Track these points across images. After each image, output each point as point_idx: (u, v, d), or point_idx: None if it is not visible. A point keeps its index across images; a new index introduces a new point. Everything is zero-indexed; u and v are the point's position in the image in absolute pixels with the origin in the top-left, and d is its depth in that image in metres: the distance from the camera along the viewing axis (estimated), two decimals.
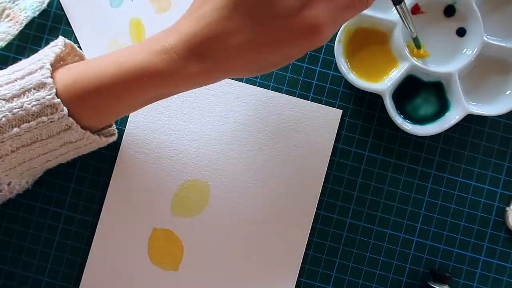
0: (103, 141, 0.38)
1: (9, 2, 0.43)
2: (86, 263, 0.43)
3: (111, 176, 0.43)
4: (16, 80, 0.33)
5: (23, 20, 0.43)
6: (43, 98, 0.32)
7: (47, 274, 0.44)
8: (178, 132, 0.44)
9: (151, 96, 0.34)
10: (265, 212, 0.43)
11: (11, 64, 0.44)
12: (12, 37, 0.43)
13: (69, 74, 0.34)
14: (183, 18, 0.32)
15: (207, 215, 0.43)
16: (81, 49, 0.45)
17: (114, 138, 0.40)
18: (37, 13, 0.43)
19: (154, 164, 0.44)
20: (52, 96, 0.32)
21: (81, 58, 0.39)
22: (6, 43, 0.43)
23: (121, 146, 0.44)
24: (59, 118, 0.33)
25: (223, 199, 0.44)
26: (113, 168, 0.43)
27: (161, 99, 0.35)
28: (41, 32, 0.45)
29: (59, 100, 0.32)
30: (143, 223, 0.43)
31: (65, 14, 0.45)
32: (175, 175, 0.44)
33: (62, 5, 0.45)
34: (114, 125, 0.41)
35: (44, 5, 0.44)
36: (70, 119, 0.33)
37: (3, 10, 0.43)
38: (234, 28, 0.30)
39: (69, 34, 0.45)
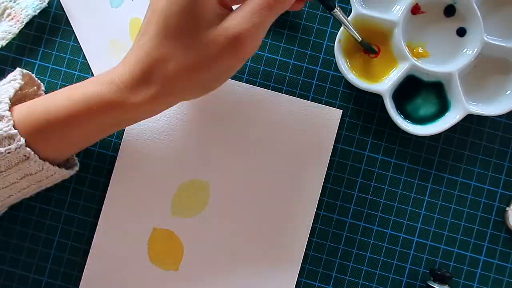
0: (64, 173, 0.38)
1: (10, 1, 0.43)
2: (86, 263, 0.43)
3: (111, 176, 0.43)
4: None
5: (24, 18, 0.43)
6: (1, 130, 0.33)
7: (47, 274, 0.44)
8: (178, 132, 0.44)
9: (102, 126, 0.36)
10: (265, 212, 0.43)
11: (11, 64, 0.45)
12: (13, 36, 0.43)
13: (23, 107, 0.35)
14: (129, 51, 0.35)
15: (207, 215, 0.43)
16: (81, 50, 0.45)
17: (76, 168, 0.41)
18: (38, 11, 0.43)
19: (154, 164, 0.44)
20: (9, 127, 0.33)
21: (39, 87, 0.42)
22: (7, 42, 0.43)
23: (121, 146, 0.44)
24: (16, 148, 0.33)
25: (223, 199, 0.44)
26: (113, 168, 0.43)
27: (115, 130, 0.37)
28: (41, 32, 0.45)
29: (16, 131, 0.33)
30: (143, 223, 0.43)
31: (65, 14, 0.45)
32: (175, 175, 0.44)
33: (62, 5, 0.45)
34: (75, 157, 0.42)
35: (45, 3, 0.43)
36: (27, 149, 0.34)
37: (4, 10, 0.43)
38: (168, 53, 0.33)
39: (69, 34, 0.45)
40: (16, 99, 0.37)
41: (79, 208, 0.44)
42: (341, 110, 0.44)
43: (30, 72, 0.40)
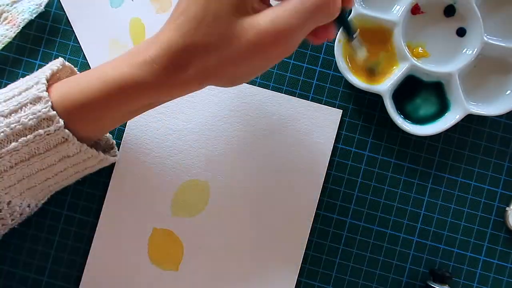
0: (101, 157, 0.38)
1: (7, 5, 0.43)
2: (86, 263, 0.43)
3: (111, 176, 0.43)
4: (14, 97, 0.34)
5: (20, 22, 0.43)
6: (39, 111, 0.33)
7: (47, 274, 0.44)
8: (178, 132, 0.44)
9: (137, 107, 0.35)
10: (265, 212, 0.43)
11: (11, 65, 0.45)
12: (9, 40, 0.43)
13: (61, 88, 0.35)
14: (163, 29, 0.33)
15: (207, 215, 0.43)
16: (81, 50, 0.45)
17: (115, 158, 0.41)
18: (34, 15, 0.44)
19: (154, 164, 0.44)
20: (48, 109, 0.33)
21: (73, 73, 0.40)
22: (3, 45, 0.43)
23: (121, 146, 0.44)
24: (55, 130, 0.33)
25: (223, 199, 0.44)
26: (113, 168, 0.43)
27: (148, 109, 0.36)
28: (41, 32, 0.45)
29: (54, 112, 0.33)
30: (143, 223, 0.43)
31: (65, 14, 0.45)
32: (175, 175, 0.44)
33: (62, 5, 0.45)
34: (116, 148, 0.42)
35: (42, 8, 0.44)
36: (66, 130, 0.33)
37: (1, 13, 0.43)
38: (205, 39, 0.31)
39: (69, 34, 0.45)
40: (52, 84, 0.37)
41: (79, 208, 0.44)
42: (341, 110, 0.44)
43: (72, 66, 0.39)
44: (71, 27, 0.45)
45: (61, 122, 0.33)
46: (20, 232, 0.44)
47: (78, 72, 0.39)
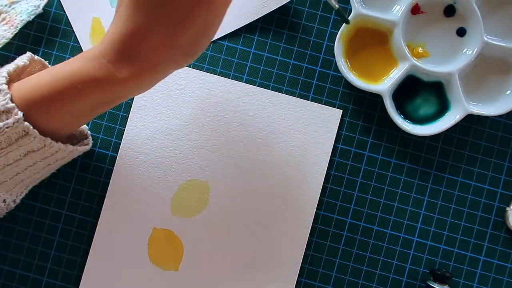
0: (70, 149, 0.37)
1: (6, 6, 0.43)
2: (86, 263, 0.43)
3: (111, 176, 0.43)
4: None
5: (18, 23, 0.43)
6: None
7: (47, 274, 0.44)
8: (178, 132, 0.44)
9: (94, 102, 0.34)
10: (265, 212, 0.43)
11: None
12: (7, 41, 0.44)
13: (22, 83, 0.34)
14: (111, 23, 0.33)
15: (207, 215, 0.43)
16: (81, 49, 0.45)
17: (87, 147, 0.40)
18: (32, 17, 0.44)
19: (154, 164, 0.44)
20: (6, 101, 0.32)
21: (44, 67, 0.40)
22: (1, 46, 0.43)
23: (121, 146, 0.44)
24: (14, 122, 0.33)
25: (223, 199, 0.44)
26: (113, 168, 0.43)
27: (107, 107, 0.35)
28: (41, 32, 0.45)
29: (13, 104, 0.33)
30: (143, 223, 0.43)
31: (65, 14, 0.45)
32: (175, 175, 0.44)
33: (62, 5, 0.45)
34: (90, 137, 0.41)
35: (40, 9, 0.44)
36: (26, 123, 0.33)
37: (0, 14, 0.43)
38: (144, 22, 0.31)
39: (69, 34, 0.45)
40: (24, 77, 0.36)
41: (79, 208, 0.44)
42: (341, 110, 0.44)
43: (43, 60, 0.39)
44: (71, 27, 0.45)
45: (20, 114, 0.33)
46: (20, 232, 0.44)
47: (49, 66, 0.39)
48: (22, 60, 0.37)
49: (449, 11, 0.43)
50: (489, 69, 0.43)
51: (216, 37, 0.44)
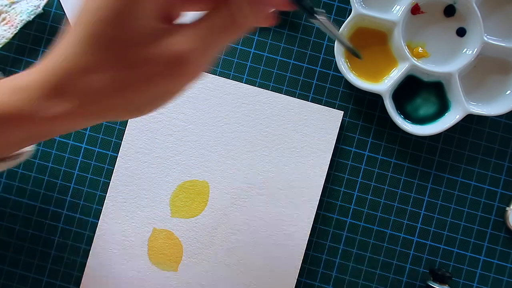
0: (2, 167, 0.34)
1: (6, 6, 0.43)
2: (86, 263, 0.43)
3: (111, 176, 0.43)
4: None
5: (18, 23, 0.43)
6: None
7: (47, 274, 0.44)
8: (178, 132, 0.44)
9: (12, 140, 0.31)
10: (265, 213, 0.43)
11: (11, 64, 0.45)
12: (6, 41, 0.43)
13: None
14: (50, 53, 0.29)
15: (207, 215, 0.43)
16: None
17: (16, 162, 0.36)
18: (32, 17, 0.44)
19: (154, 164, 0.44)
20: None
21: None
22: (1, 46, 0.43)
23: (121, 146, 0.44)
24: None
25: (223, 199, 0.44)
26: (113, 168, 0.43)
27: (30, 143, 0.32)
28: (41, 32, 0.45)
29: None
30: (143, 223, 0.43)
31: (65, 14, 0.45)
32: (175, 175, 0.44)
33: (62, 5, 0.45)
34: (26, 151, 0.38)
35: (40, 9, 0.44)
36: None
37: (0, 14, 0.43)
38: (95, 64, 0.27)
39: None
40: None
41: (79, 208, 0.44)
42: (342, 112, 0.44)
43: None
44: None
45: None
46: (20, 232, 0.44)
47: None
48: None
49: (449, 11, 0.43)
50: (489, 69, 0.43)
51: None
